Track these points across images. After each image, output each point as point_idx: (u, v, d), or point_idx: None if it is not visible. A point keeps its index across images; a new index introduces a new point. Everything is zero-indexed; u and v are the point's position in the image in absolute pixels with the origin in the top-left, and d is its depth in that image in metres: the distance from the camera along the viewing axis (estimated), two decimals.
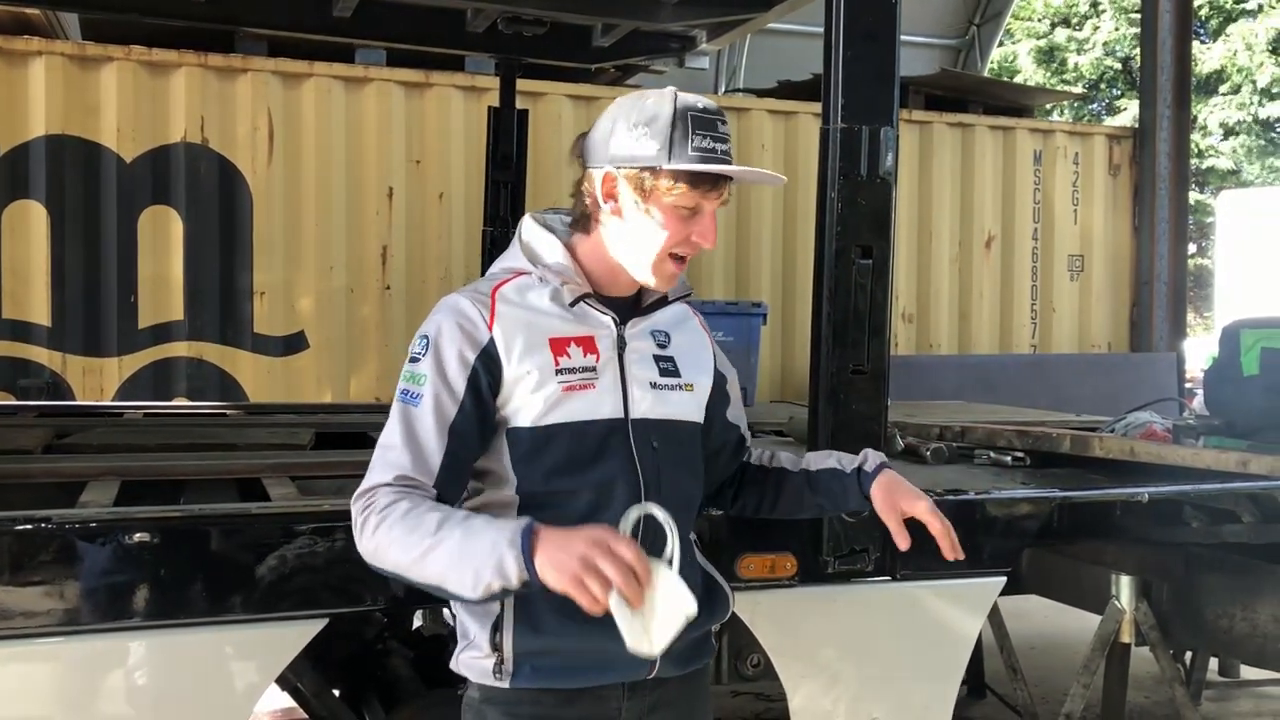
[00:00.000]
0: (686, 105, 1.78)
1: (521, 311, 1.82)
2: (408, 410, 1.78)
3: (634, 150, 1.77)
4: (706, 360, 2.01)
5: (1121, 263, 8.64)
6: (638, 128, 1.78)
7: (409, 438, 1.76)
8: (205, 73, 6.47)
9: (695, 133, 1.76)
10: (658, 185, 1.77)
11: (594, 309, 1.85)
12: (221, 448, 3.20)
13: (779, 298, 7.66)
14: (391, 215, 6.86)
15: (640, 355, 1.88)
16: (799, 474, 2.09)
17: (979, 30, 14.21)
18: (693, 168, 1.75)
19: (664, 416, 1.88)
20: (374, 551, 1.71)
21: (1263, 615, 3.30)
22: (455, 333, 1.78)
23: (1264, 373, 3.14)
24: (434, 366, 1.78)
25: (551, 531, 1.58)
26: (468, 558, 1.61)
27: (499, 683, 1.79)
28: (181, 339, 6.47)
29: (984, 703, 4.59)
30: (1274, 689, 4.99)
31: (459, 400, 1.77)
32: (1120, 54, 22.71)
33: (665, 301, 1.92)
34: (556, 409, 1.79)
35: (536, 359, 1.79)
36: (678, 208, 1.78)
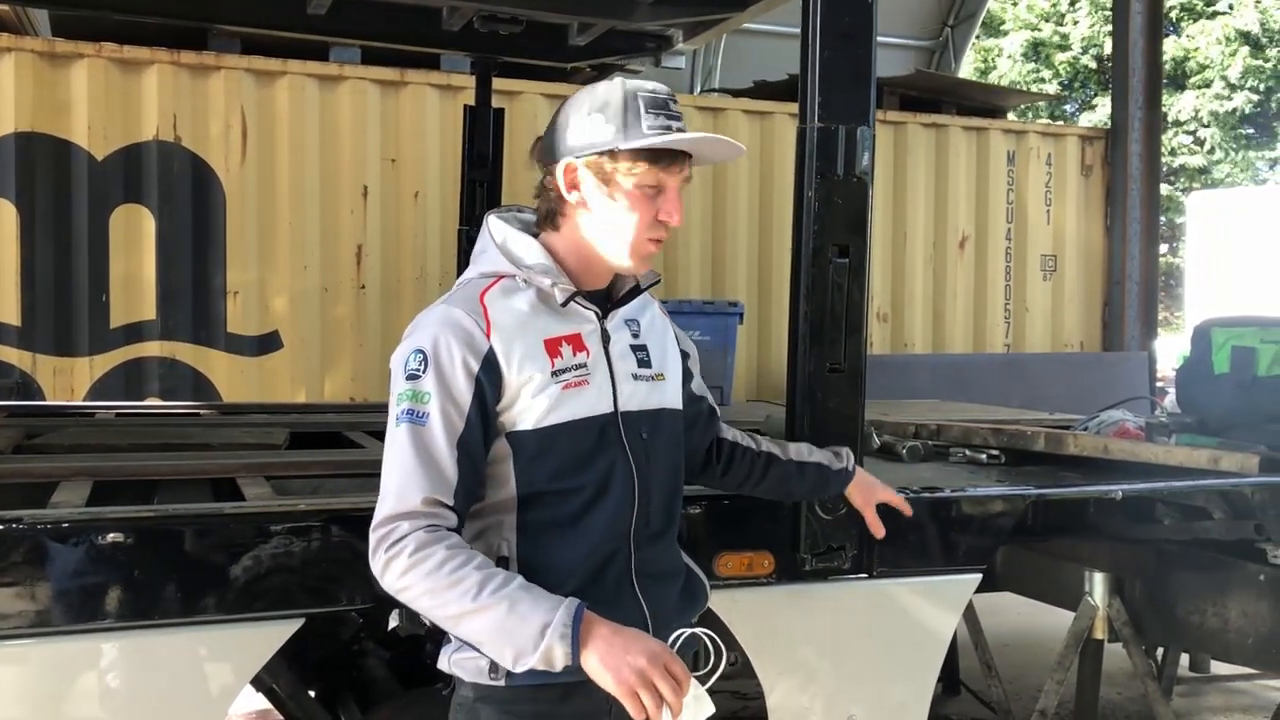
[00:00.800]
0: (636, 87, 1.80)
1: (512, 317, 1.81)
2: (416, 431, 1.74)
3: (591, 138, 1.79)
4: (671, 344, 2.04)
5: (1094, 262, 8.71)
6: (592, 115, 1.80)
7: (424, 459, 1.73)
8: (178, 70, 6.41)
9: (648, 111, 1.77)
10: (618, 167, 1.78)
11: (580, 306, 1.86)
12: (195, 448, 3.17)
13: (755, 297, 7.68)
14: (366, 214, 6.82)
15: (621, 348, 1.90)
16: (789, 461, 2.22)
17: (953, 32, 14.29)
18: (649, 142, 1.76)
19: (650, 407, 1.91)
20: (400, 591, 1.71)
21: (1233, 611, 3.34)
22: (455, 346, 1.76)
23: (1234, 371, 3.17)
24: (437, 383, 1.75)
25: (603, 629, 1.64)
26: (510, 635, 1.64)
27: (495, 681, 1.78)
28: (154, 339, 6.41)
29: (959, 699, 4.62)
30: (1243, 684, 5.04)
31: (465, 415, 1.75)
32: (1095, 52, 22.89)
33: (638, 291, 1.94)
34: (558, 409, 1.80)
35: (536, 363, 1.79)
36: (641, 187, 1.79)
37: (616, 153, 1.78)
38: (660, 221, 1.83)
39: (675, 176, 1.82)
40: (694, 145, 1.82)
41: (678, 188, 1.83)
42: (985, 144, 8.44)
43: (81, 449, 3.08)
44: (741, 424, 4.10)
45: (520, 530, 1.81)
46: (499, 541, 1.80)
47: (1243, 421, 3.12)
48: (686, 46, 4.75)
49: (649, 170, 1.78)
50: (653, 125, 1.77)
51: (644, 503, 1.87)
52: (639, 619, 1.84)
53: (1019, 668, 4.92)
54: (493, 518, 1.83)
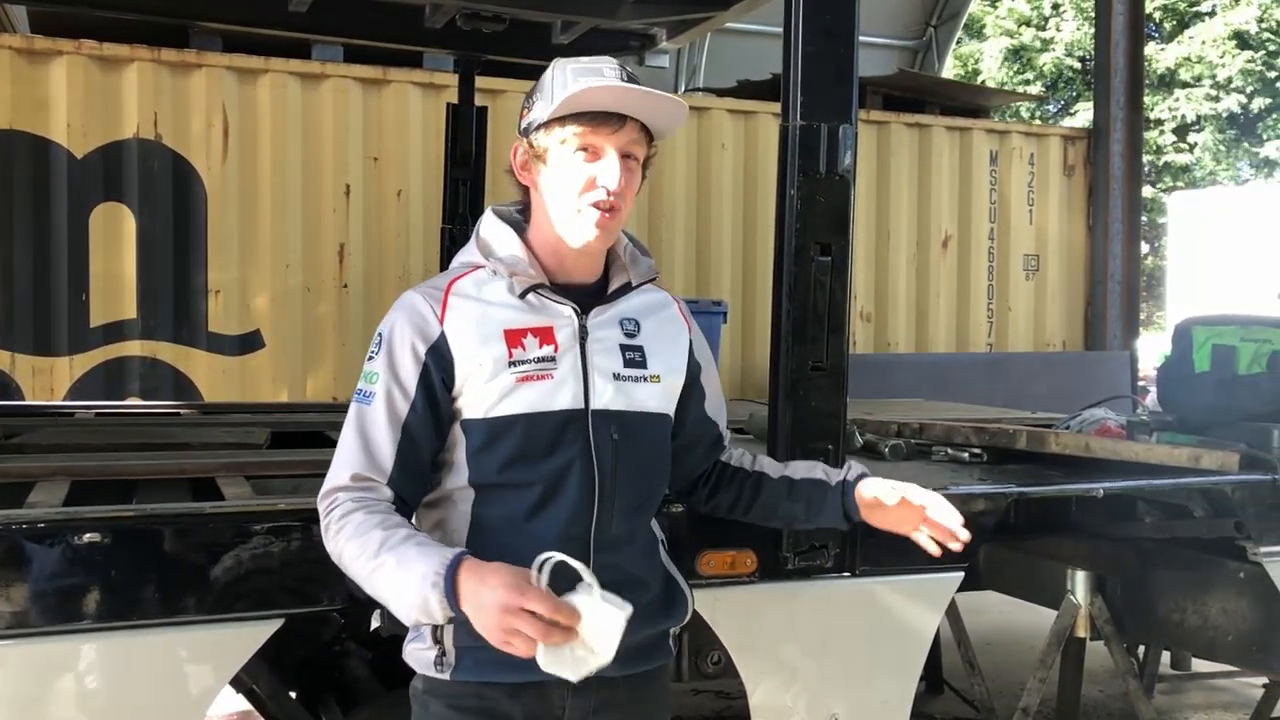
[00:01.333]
0: (568, 61, 1.80)
1: (476, 305, 1.81)
2: (361, 409, 1.79)
3: (530, 118, 1.81)
4: (680, 351, 1.97)
5: (1076, 262, 8.75)
6: (532, 97, 1.82)
7: (362, 437, 1.77)
8: (158, 68, 6.38)
9: (576, 80, 1.75)
10: (549, 139, 1.78)
11: (547, 299, 1.83)
12: (175, 447, 3.15)
13: (739, 296, 7.69)
14: (349, 213, 6.80)
15: (605, 345, 1.85)
16: (780, 480, 2.07)
17: (936, 31, 14.33)
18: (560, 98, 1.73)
19: (626, 408, 1.85)
20: (337, 558, 1.74)
21: (1213, 608, 3.35)
22: (407, 329, 1.79)
23: (1215, 369, 3.19)
24: (386, 364, 1.79)
25: (470, 578, 1.58)
26: (400, 589, 1.63)
27: (440, 674, 1.78)
28: (134, 338, 6.38)
29: (941, 698, 4.62)
30: (1224, 681, 5.06)
31: (410, 397, 1.77)
32: (1079, 54, 23.02)
33: (629, 288, 1.90)
34: (510, 399, 1.77)
35: (490, 350, 1.77)
36: (574, 151, 1.77)
37: (547, 123, 1.77)
38: (601, 186, 1.77)
39: (610, 137, 1.76)
40: (619, 101, 1.76)
41: (617, 150, 1.77)
42: (968, 144, 8.47)
43: (59, 449, 3.05)
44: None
45: (473, 523, 1.80)
46: (452, 531, 1.81)
47: (1223, 420, 3.14)
48: (670, 45, 4.76)
49: (575, 131, 1.76)
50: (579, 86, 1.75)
51: (605, 506, 1.81)
52: None
53: (1001, 666, 4.93)
54: (448, 508, 1.83)
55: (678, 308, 2.02)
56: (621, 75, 1.78)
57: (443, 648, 1.78)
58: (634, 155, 1.80)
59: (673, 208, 7.59)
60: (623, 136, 1.77)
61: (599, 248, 1.85)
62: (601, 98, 1.75)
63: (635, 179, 1.82)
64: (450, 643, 1.77)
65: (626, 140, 1.78)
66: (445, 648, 1.78)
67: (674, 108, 1.81)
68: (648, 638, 1.88)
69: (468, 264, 1.88)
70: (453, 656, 1.78)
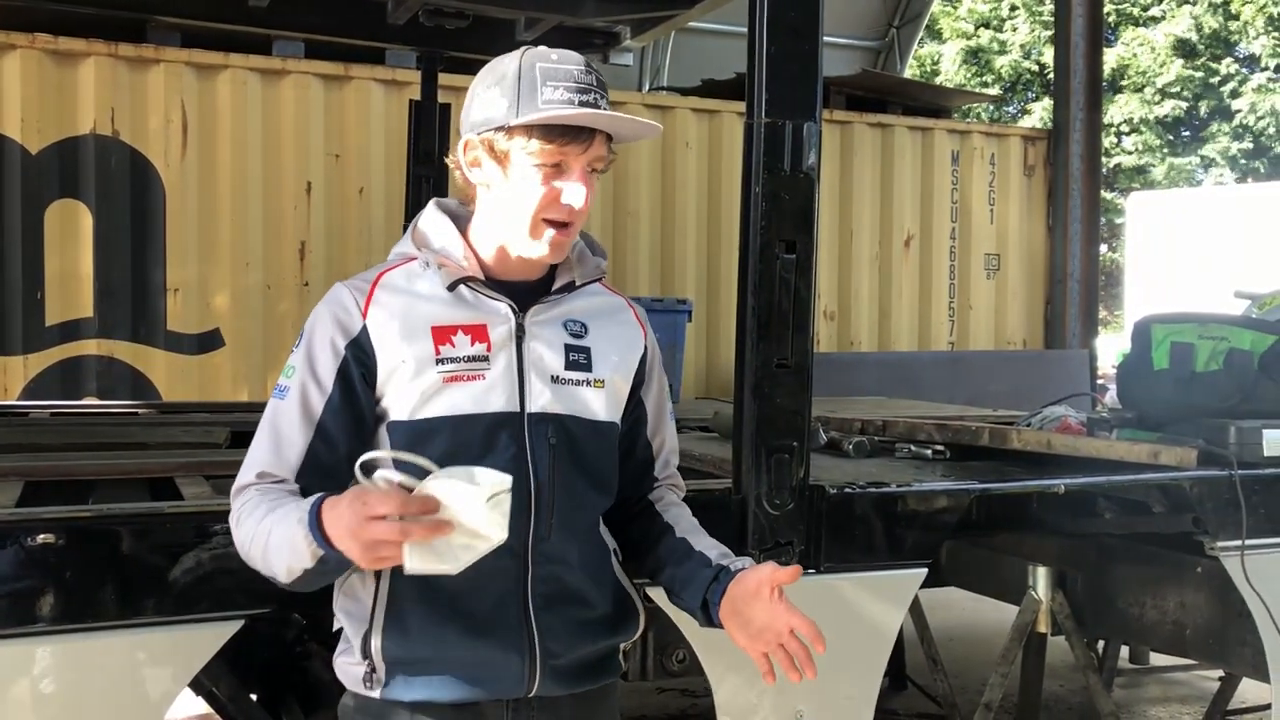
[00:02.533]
0: (536, 57, 1.67)
1: (403, 298, 1.71)
2: (275, 405, 1.71)
3: (487, 113, 1.68)
4: (632, 359, 1.86)
5: (1036, 261, 8.84)
6: (490, 89, 1.69)
7: (271, 432, 1.69)
8: (115, 63, 6.28)
9: (546, 84, 1.64)
10: (511, 144, 1.66)
11: (482, 294, 1.73)
12: (133, 447, 3.11)
13: (704, 295, 7.70)
14: (310, 211, 6.74)
15: (545, 345, 1.76)
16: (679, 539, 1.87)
17: (898, 32, 14.41)
18: (536, 117, 1.62)
19: (566, 412, 1.75)
20: (242, 551, 1.67)
21: (1171, 602, 3.39)
22: (329, 323, 1.71)
23: (1173, 366, 3.22)
24: (304, 358, 1.71)
25: (329, 506, 1.50)
26: (280, 542, 1.56)
27: (370, 692, 1.69)
28: (91, 337, 6.28)
29: (905, 694, 4.65)
30: (1181, 674, 5.14)
31: (327, 392, 1.68)
32: (1035, 56, 23.29)
33: (573, 287, 1.80)
34: (435, 401, 1.67)
35: (414, 348, 1.68)
36: (539, 166, 1.66)
37: (510, 128, 1.65)
38: (564, 205, 1.68)
39: (579, 155, 1.67)
40: (596, 122, 1.67)
41: (584, 167, 1.68)
42: (930, 144, 8.53)
43: (13, 449, 3.00)
44: (690, 421, 4.13)
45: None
46: None
47: (1181, 416, 3.17)
48: (634, 43, 4.75)
49: (545, 148, 1.64)
50: (550, 98, 1.63)
51: (543, 515, 1.70)
52: (520, 644, 1.70)
53: (964, 662, 4.97)
54: None
55: (634, 314, 1.91)
56: (590, 76, 1.68)
57: (372, 662, 1.69)
58: (597, 168, 1.72)
59: (637, 206, 7.59)
60: (591, 152, 1.69)
61: (551, 262, 1.77)
62: (576, 121, 1.66)
63: (594, 190, 1.73)
64: (379, 657, 1.68)
65: (593, 156, 1.69)
66: (375, 663, 1.68)
67: (649, 130, 1.74)
68: (594, 655, 1.79)
69: (401, 255, 1.79)
70: (382, 673, 1.69)
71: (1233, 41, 22.56)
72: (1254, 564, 2.94)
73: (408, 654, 1.68)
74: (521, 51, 1.71)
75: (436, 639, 1.68)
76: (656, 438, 1.94)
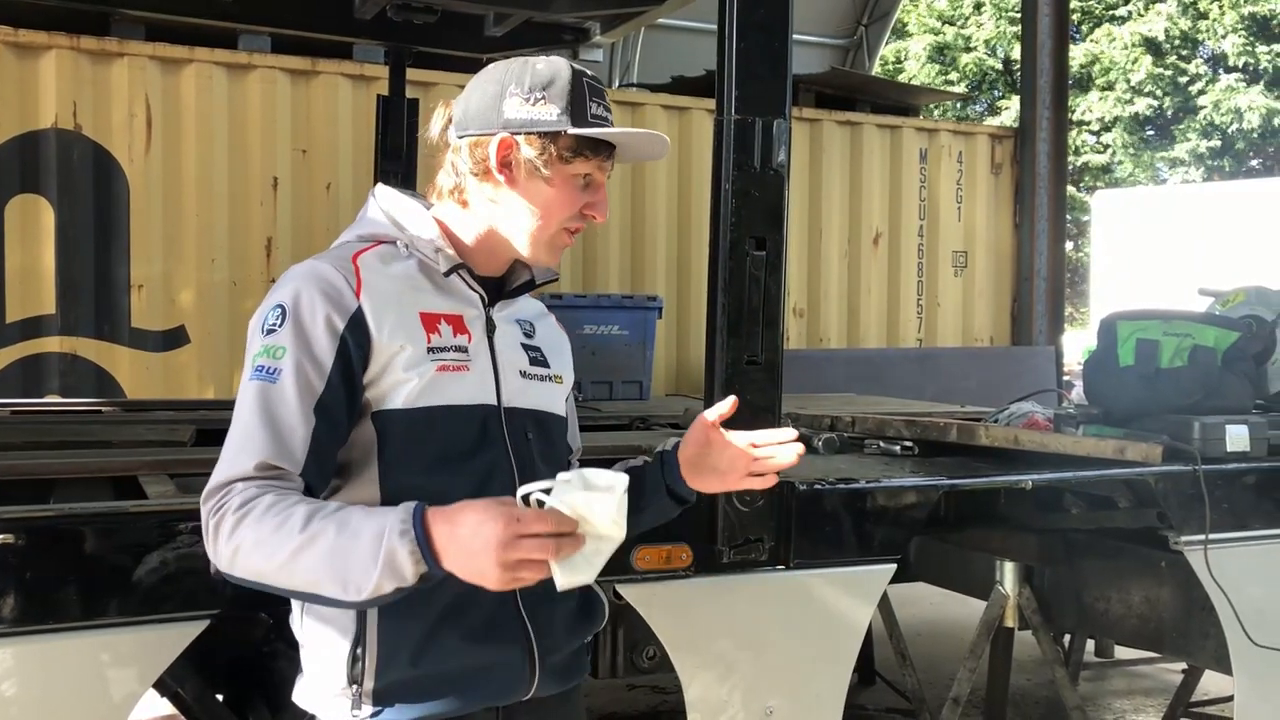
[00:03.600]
0: (580, 71, 1.71)
1: (388, 282, 1.65)
2: (265, 389, 1.55)
3: (534, 114, 1.65)
4: (568, 362, 1.90)
5: (1003, 259, 8.90)
6: (534, 91, 1.66)
7: (268, 419, 1.53)
8: (78, 56, 6.19)
9: (593, 99, 1.68)
10: (560, 152, 1.66)
11: (466, 283, 1.72)
12: (96, 445, 3.07)
13: (674, 292, 7.70)
14: (276, 206, 6.67)
15: (510, 340, 1.76)
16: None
17: (867, 30, 14.48)
18: (599, 132, 1.66)
19: (536, 407, 1.76)
20: (231, 558, 1.48)
21: (1136, 597, 3.43)
22: (319, 300, 1.58)
23: (1139, 363, 3.25)
24: (295, 337, 1.56)
25: (440, 520, 1.40)
26: (345, 555, 1.41)
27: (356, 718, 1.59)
28: (53, 334, 6.19)
29: (874, 689, 4.68)
30: (1145, 667, 5.20)
31: (326, 374, 1.56)
32: (1001, 54, 23.47)
33: (532, 285, 1.81)
34: (433, 391, 1.62)
35: (410, 334, 1.62)
36: (576, 176, 1.69)
37: (561, 136, 1.65)
38: (585, 214, 1.72)
39: (604, 171, 1.73)
40: (632, 141, 1.74)
41: (604, 182, 1.74)
42: (898, 142, 8.56)
43: None
44: (661, 418, 4.13)
45: None
46: None
47: (1146, 412, 3.20)
48: (604, 39, 4.74)
49: (587, 160, 1.68)
50: (596, 114, 1.67)
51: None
52: (521, 645, 1.67)
53: (932, 656, 5.00)
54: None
55: (553, 319, 1.94)
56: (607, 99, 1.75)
57: (360, 687, 1.58)
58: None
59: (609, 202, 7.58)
60: (609, 168, 1.75)
61: (544, 265, 1.78)
62: (638, 141, 1.74)
63: None
64: (371, 681, 1.58)
65: (609, 171, 1.75)
66: (364, 687, 1.58)
67: (662, 149, 1.79)
68: (575, 650, 1.80)
69: (369, 237, 1.71)
70: (372, 697, 1.58)
71: (1200, 41, 22.84)
72: (1217, 558, 2.97)
73: (406, 673, 1.60)
74: (566, 63, 1.71)
75: (437, 651, 1.61)
76: (576, 441, 1.95)
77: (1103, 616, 3.55)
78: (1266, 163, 23.20)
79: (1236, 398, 3.19)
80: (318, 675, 1.64)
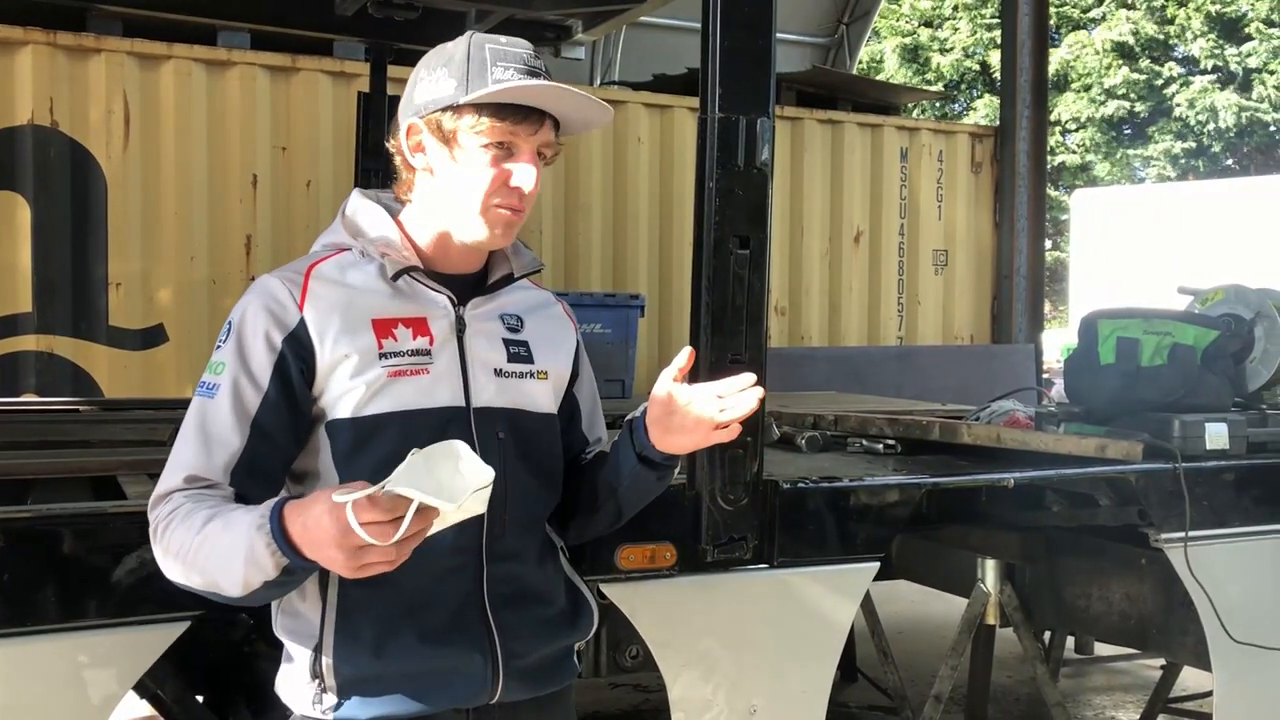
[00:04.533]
0: (484, 39, 1.64)
1: (340, 290, 1.64)
2: (203, 405, 1.61)
3: (434, 93, 1.62)
4: (566, 354, 1.84)
5: (983, 257, 8.94)
6: (436, 70, 1.64)
7: (202, 434, 1.58)
8: (54, 51, 6.14)
9: (496, 64, 1.60)
10: (460, 124, 1.61)
11: (424, 285, 1.68)
12: (74, 445, 3.04)
13: (656, 290, 7.70)
14: (256, 204, 6.63)
15: (485, 338, 1.72)
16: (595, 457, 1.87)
17: (848, 29, 14.50)
18: (486, 92, 1.58)
19: (512, 405, 1.71)
20: (164, 564, 1.55)
21: (1117, 594, 3.45)
22: (261, 315, 1.62)
23: (1119, 361, 3.27)
24: (235, 353, 1.61)
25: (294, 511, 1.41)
26: (227, 552, 1.45)
27: (321, 715, 1.61)
28: (30, 332, 6.14)
29: (856, 686, 4.69)
30: (1125, 664, 5.23)
31: (263, 390, 1.59)
32: (978, 57, 23.60)
33: (510, 280, 1.76)
34: (382, 396, 1.61)
35: (356, 341, 1.61)
36: (487, 146, 1.61)
37: (459, 107, 1.60)
38: (513, 188, 1.63)
39: (529, 137, 1.62)
40: (547, 101, 1.62)
41: (533, 151, 1.63)
42: (879, 140, 8.59)
43: None
44: None
45: None
46: None
47: (1127, 410, 3.22)
48: (586, 37, 4.74)
49: (495, 125, 1.59)
50: (501, 78, 1.59)
51: (496, 513, 1.63)
52: (484, 649, 1.65)
53: (914, 654, 5.02)
54: None
55: (561, 309, 1.88)
56: (539, 61, 1.65)
57: (323, 682, 1.61)
58: (545, 154, 1.67)
59: (589, 201, 7.57)
60: (540, 136, 1.64)
61: (498, 248, 1.73)
62: (532, 95, 1.61)
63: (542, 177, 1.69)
64: (331, 677, 1.60)
65: (543, 140, 1.65)
66: (326, 683, 1.60)
67: (600, 114, 1.69)
68: (553, 655, 1.76)
69: (332, 245, 1.71)
70: (335, 692, 1.61)
71: (1172, 44, 23.03)
72: (1196, 555, 2.99)
73: (363, 670, 1.60)
74: (469, 35, 1.66)
75: (394, 651, 1.61)
76: (593, 432, 1.91)
77: (1084, 614, 3.57)
78: (1241, 162, 23.41)
79: (1216, 396, 3.21)
80: (290, 668, 1.66)
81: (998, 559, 3.34)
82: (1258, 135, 22.45)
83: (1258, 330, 3.34)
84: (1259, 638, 3.05)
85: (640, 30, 11.48)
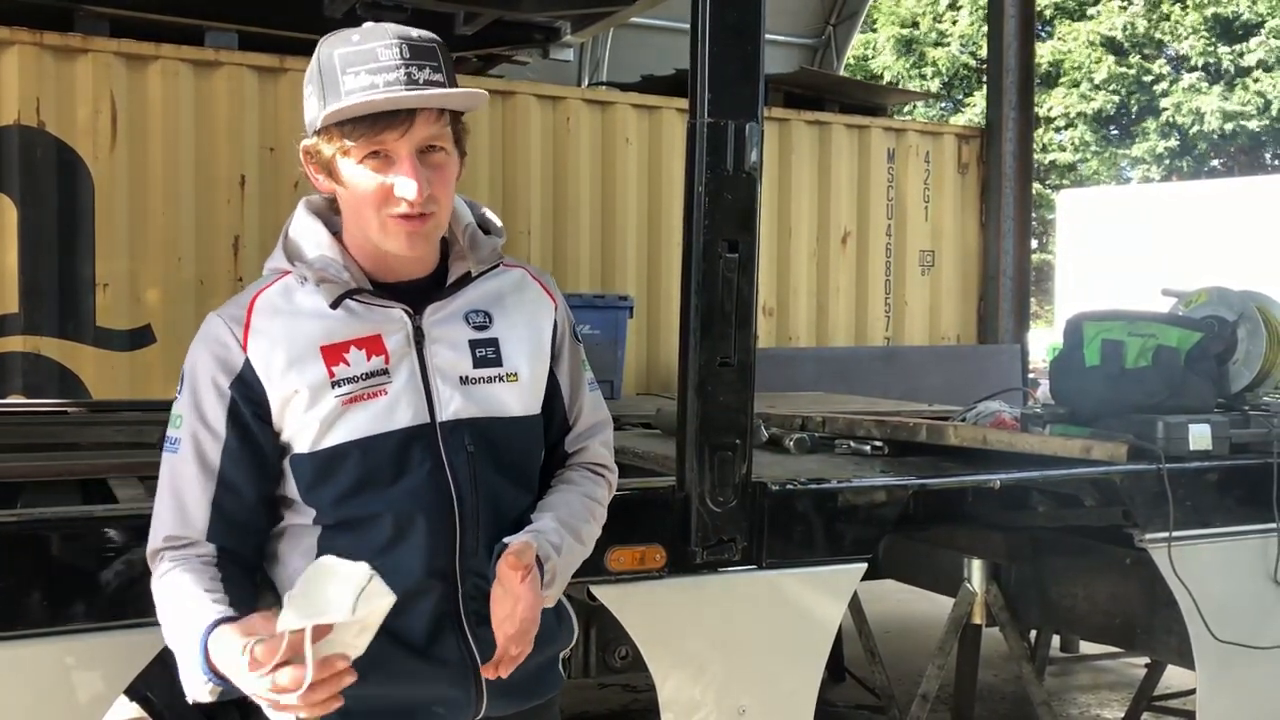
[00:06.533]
0: (336, 43, 1.55)
1: (285, 321, 1.58)
2: (170, 461, 1.60)
3: (308, 115, 1.58)
4: (543, 337, 1.73)
5: (970, 258, 8.97)
6: (307, 87, 1.58)
7: (172, 491, 1.59)
8: (40, 51, 6.11)
9: (345, 72, 1.51)
10: (328, 146, 1.55)
11: (371, 304, 1.61)
12: (63, 447, 3.04)
13: (644, 291, 7.70)
14: (244, 204, 6.61)
15: (449, 345, 1.63)
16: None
17: (835, 30, 14.52)
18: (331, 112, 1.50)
19: (481, 414, 1.64)
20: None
21: (1102, 593, 3.48)
22: (208, 361, 1.58)
23: (1104, 363, 3.29)
24: (190, 405, 1.58)
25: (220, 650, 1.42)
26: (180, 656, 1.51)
27: None
28: (16, 333, 6.10)
29: (843, 686, 4.71)
30: (1110, 662, 5.26)
31: (222, 438, 1.57)
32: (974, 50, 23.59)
33: (469, 279, 1.67)
34: (338, 427, 1.56)
35: (305, 374, 1.56)
36: (361, 161, 1.53)
37: (321, 130, 1.54)
38: (397, 197, 1.53)
39: (398, 140, 1.51)
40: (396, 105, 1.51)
41: (410, 153, 1.52)
42: (867, 141, 8.61)
43: None
44: (632, 418, 4.14)
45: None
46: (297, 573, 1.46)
47: (1112, 412, 3.24)
48: (574, 39, 4.76)
49: (358, 142, 1.51)
50: (352, 87, 1.50)
51: (469, 529, 1.60)
52: (464, 668, 1.63)
53: (901, 653, 5.04)
54: (293, 548, 1.63)
55: (540, 285, 1.77)
56: (394, 50, 1.52)
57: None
58: (437, 145, 1.56)
59: (577, 202, 7.57)
60: (416, 134, 1.52)
61: (419, 255, 1.63)
62: (375, 105, 1.50)
63: (448, 169, 1.57)
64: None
65: (421, 136, 1.53)
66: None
67: (467, 99, 1.57)
68: (538, 667, 1.71)
69: (275, 270, 1.64)
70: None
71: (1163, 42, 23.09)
72: (1180, 555, 3.02)
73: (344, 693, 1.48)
74: (322, 41, 1.58)
75: (375, 674, 1.54)
76: (574, 408, 1.80)
77: (1069, 613, 3.60)
78: (1227, 163, 23.52)
79: (1199, 397, 3.24)
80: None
81: (984, 559, 3.36)
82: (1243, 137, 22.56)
83: (1240, 332, 3.38)
84: (1241, 637, 3.08)
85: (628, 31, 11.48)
